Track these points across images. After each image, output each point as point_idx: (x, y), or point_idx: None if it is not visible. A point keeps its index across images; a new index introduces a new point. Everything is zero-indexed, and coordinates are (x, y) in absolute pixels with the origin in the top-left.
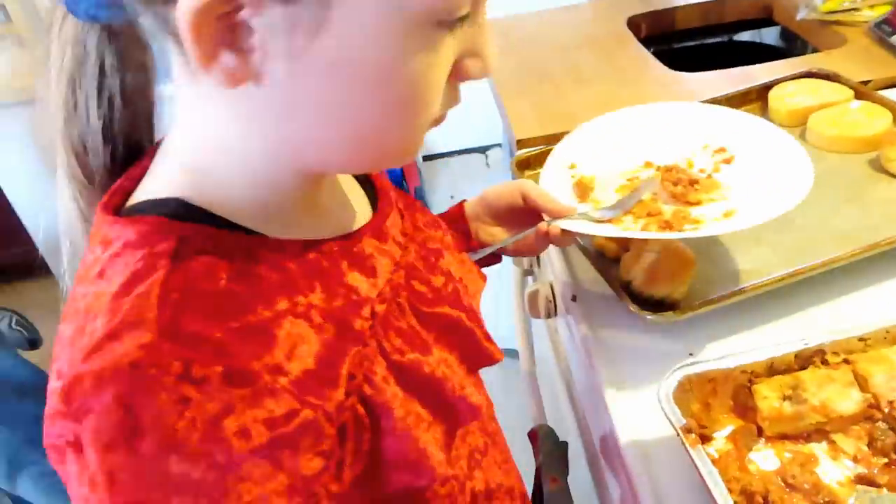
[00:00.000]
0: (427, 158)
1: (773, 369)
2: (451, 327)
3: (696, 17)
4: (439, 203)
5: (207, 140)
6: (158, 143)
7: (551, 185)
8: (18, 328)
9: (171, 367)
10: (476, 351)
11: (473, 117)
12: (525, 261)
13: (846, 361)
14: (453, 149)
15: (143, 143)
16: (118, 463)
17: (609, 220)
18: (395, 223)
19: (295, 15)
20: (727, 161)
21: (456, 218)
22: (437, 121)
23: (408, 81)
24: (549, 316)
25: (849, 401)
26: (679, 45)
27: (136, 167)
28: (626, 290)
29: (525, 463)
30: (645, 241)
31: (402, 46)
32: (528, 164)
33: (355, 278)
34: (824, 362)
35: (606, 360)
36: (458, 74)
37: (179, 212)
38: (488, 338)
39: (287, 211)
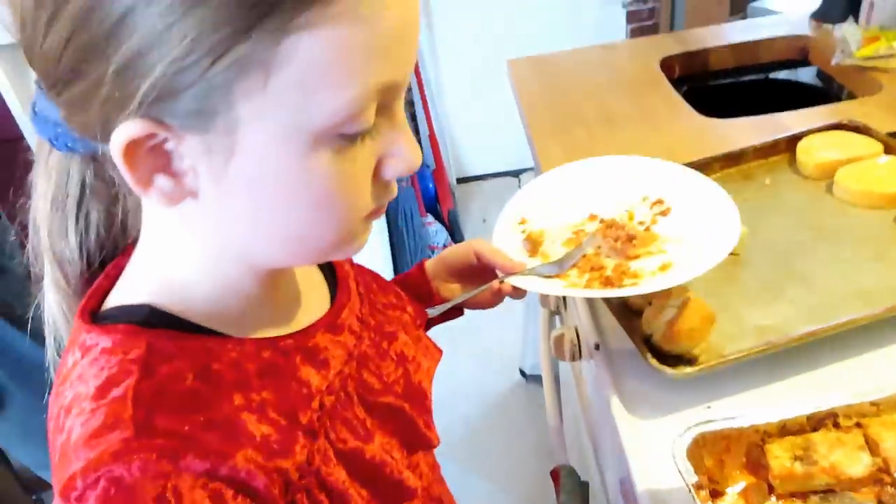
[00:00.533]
0: (461, 181)
1: (785, 430)
2: (394, 415)
3: (729, 59)
4: (473, 225)
5: (167, 248)
6: (135, 242)
7: (503, 242)
8: None
9: (149, 455)
10: (416, 437)
11: (507, 141)
12: (552, 301)
13: (858, 425)
14: (486, 172)
15: (118, 248)
16: None
17: (556, 276)
18: (352, 310)
19: (209, 141)
20: (664, 213)
21: (418, 281)
22: (375, 212)
23: (322, 190)
24: (573, 359)
25: (858, 465)
26: (714, 83)
27: (113, 266)
28: (647, 343)
29: (545, 499)
30: (667, 295)
31: (309, 161)
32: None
33: (307, 372)
34: (836, 425)
35: (626, 408)
36: (382, 173)
37: (148, 318)
38: (428, 425)
39: (245, 309)
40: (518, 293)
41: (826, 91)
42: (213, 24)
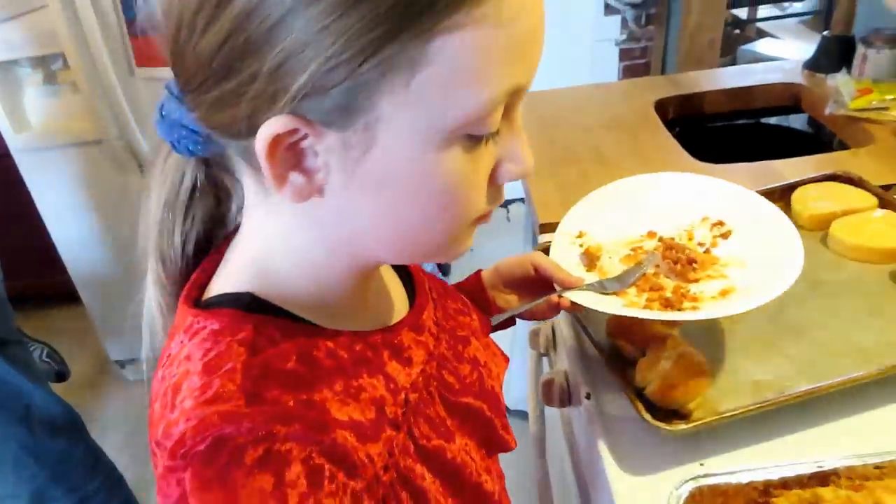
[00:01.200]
0: None
1: (787, 486)
2: (473, 416)
3: (723, 102)
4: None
5: (275, 243)
6: (227, 239)
7: (560, 255)
8: (48, 360)
9: (258, 419)
10: (494, 439)
11: None
12: (542, 343)
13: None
14: None
15: (212, 245)
16: (214, 500)
17: (615, 293)
18: (429, 315)
19: (347, 139)
20: (724, 235)
21: (476, 288)
22: (483, 217)
23: (446, 188)
24: (562, 405)
25: None
26: (705, 126)
27: (208, 261)
28: (640, 397)
29: None
30: (662, 347)
31: (438, 158)
32: (548, 252)
33: (394, 367)
34: (840, 485)
35: (617, 461)
36: (497, 177)
37: (252, 305)
38: (505, 427)
39: (339, 304)
40: (575, 308)
41: (816, 138)
42: (368, 24)
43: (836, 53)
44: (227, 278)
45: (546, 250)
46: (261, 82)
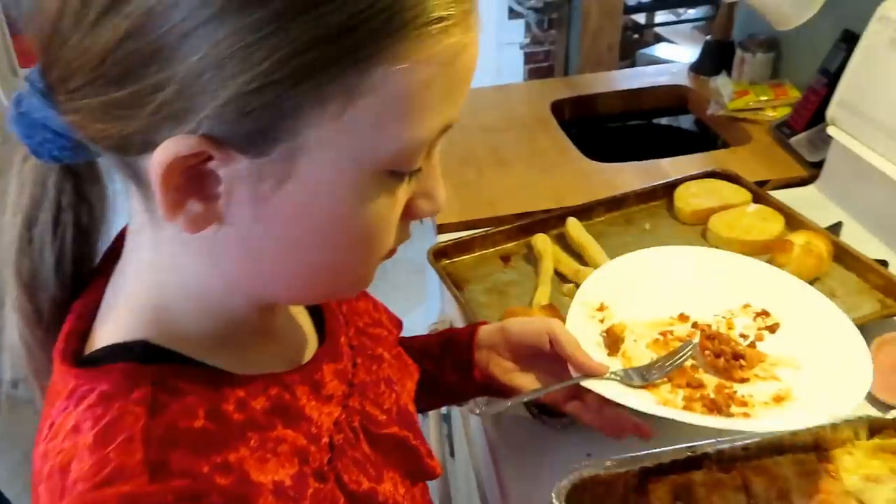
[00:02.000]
0: None
1: (664, 471)
2: (398, 448)
3: (616, 103)
4: None
5: (168, 278)
6: (101, 276)
7: (579, 331)
8: None
9: (167, 498)
10: (419, 469)
11: None
12: None
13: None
14: None
15: (88, 273)
16: None
17: (644, 386)
18: (344, 335)
19: (261, 167)
20: (771, 329)
21: (461, 347)
22: (390, 254)
23: (364, 226)
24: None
25: None
26: (601, 127)
27: (81, 302)
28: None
29: None
30: None
31: (360, 195)
32: (446, 254)
33: (314, 408)
34: (717, 464)
35: (511, 459)
36: (409, 213)
37: (147, 356)
38: (430, 454)
39: (245, 344)
40: (600, 406)
41: (703, 137)
42: (304, 45)
43: (717, 57)
44: (114, 325)
45: (441, 253)
46: (166, 95)
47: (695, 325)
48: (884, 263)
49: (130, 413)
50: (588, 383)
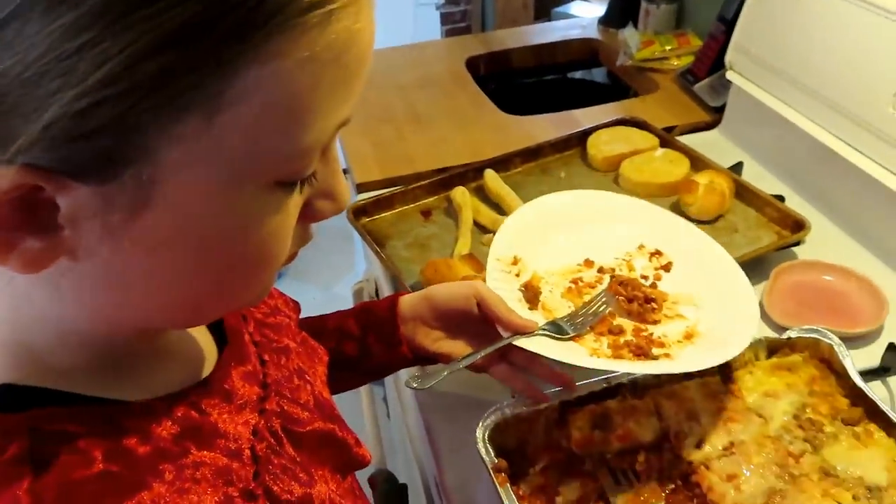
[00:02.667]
0: None
1: (580, 404)
2: (326, 443)
3: (530, 58)
4: None
5: (23, 314)
6: None
7: (500, 289)
8: None
9: None
10: (349, 460)
11: None
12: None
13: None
14: None
15: None
16: None
17: (572, 338)
18: (247, 335)
19: (108, 194)
20: (666, 268)
21: (384, 321)
22: (289, 259)
23: (252, 245)
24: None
25: (648, 430)
26: (518, 82)
27: None
28: None
29: None
30: None
31: (242, 215)
32: (366, 212)
33: (228, 421)
34: (630, 392)
35: (436, 405)
36: (308, 216)
37: (13, 402)
38: (357, 442)
39: (133, 365)
40: (531, 362)
41: (615, 89)
42: (140, 52)
43: (624, 9)
44: None
45: (361, 211)
46: None
47: (601, 269)
48: (780, 198)
49: (8, 477)
50: (520, 342)
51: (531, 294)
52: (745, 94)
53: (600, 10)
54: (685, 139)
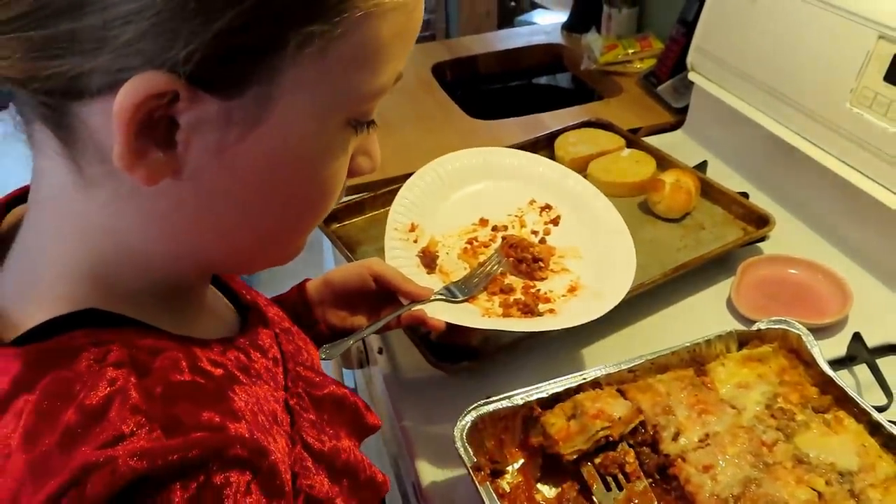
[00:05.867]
0: None
1: (556, 400)
2: (340, 406)
3: (495, 64)
4: None
5: (102, 246)
6: None
7: (398, 259)
8: None
9: (191, 455)
10: (361, 423)
11: None
12: None
13: (619, 391)
14: None
15: None
16: None
17: (466, 300)
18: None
19: (231, 110)
20: (555, 222)
21: (298, 306)
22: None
23: (324, 181)
24: (361, 366)
25: (620, 406)
26: (484, 88)
27: None
28: (427, 342)
29: None
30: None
31: (325, 148)
32: (336, 218)
33: (269, 372)
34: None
35: (412, 408)
36: (351, 170)
37: (102, 321)
38: (367, 407)
39: (185, 310)
40: (437, 326)
41: (580, 93)
42: None
43: (586, 14)
44: (44, 300)
45: (331, 216)
46: (139, 28)
47: (494, 228)
48: (745, 195)
49: (114, 377)
50: (416, 309)
51: (428, 259)
52: (707, 94)
53: (563, 17)
54: (650, 140)
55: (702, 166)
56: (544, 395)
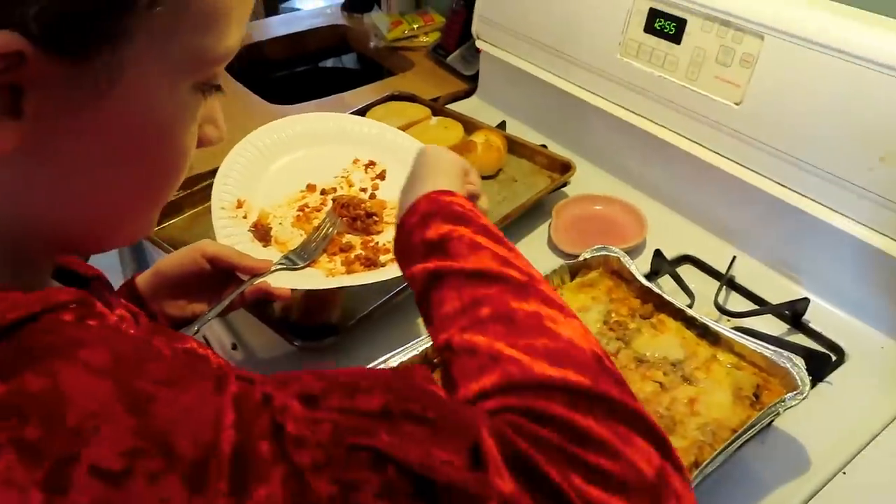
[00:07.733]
0: None
1: (427, 359)
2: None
3: (282, 49)
4: None
5: None
6: None
7: (231, 237)
8: None
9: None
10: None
11: None
12: None
13: None
14: None
15: None
16: None
17: (307, 265)
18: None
19: (80, 73)
20: (381, 177)
21: (127, 304)
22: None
23: (178, 146)
24: None
25: None
26: (273, 76)
27: None
28: (287, 325)
29: None
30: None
31: (177, 108)
32: (180, 208)
33: (125, 321)
34: None
35: None
36: (199, 141)
37: None
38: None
39: (33, 286)
40: (282, 293)
41: (368, 72)
42: None
43: None
44: None
45: None
46: None
47: (323, 191)
48: (544, 146)
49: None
50: (259, 282)
51: (262, 232)
52: (495, 59)
53: (323, 2)
54: (450, 107)
55: (501, 126)
56: (405, 358)
